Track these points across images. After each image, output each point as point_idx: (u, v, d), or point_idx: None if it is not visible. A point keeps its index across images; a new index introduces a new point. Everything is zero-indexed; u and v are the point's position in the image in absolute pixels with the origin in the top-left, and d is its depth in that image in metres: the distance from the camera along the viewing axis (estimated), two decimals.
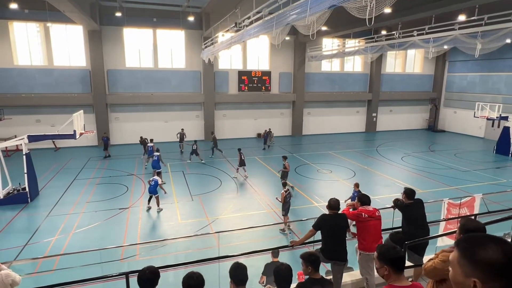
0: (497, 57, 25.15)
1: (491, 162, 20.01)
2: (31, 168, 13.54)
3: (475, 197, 8.62)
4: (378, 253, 2.81)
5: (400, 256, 2.77)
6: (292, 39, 26.08)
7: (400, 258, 2.77)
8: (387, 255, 2.74)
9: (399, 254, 2.77)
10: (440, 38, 16.35)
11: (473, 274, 1.27)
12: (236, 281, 3.56)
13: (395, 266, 2.72)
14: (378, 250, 2.85)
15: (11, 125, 21.21)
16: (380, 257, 2.78)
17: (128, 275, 4.69)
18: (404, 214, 6.05)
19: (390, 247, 2.84)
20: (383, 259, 2.75)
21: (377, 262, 2.81)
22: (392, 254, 2.74)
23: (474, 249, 1.30)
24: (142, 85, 23.98)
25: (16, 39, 21.55)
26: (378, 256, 2.79)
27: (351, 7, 7.16)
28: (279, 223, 11.38)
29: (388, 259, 2.72)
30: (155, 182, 12.58)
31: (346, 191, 14.54)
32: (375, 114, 30.27)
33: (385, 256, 2.75)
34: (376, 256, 2.83)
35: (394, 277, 2.72)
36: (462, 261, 1.32)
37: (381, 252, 2.80)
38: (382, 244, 3.00)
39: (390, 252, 2.75)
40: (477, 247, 1.29)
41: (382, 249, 2.83)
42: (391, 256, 2.72)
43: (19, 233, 10.88)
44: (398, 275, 2.72)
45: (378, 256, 2.80)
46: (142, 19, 23.05)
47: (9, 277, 4.32)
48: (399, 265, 2.74)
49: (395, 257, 2.73)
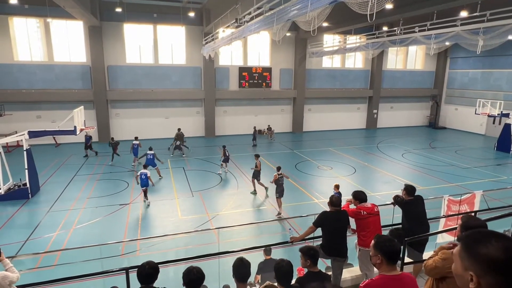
0: (499, 54, 25.01)
1: (492, 159, 19.99)
2: (31, 164, 13.56)
3: (475, 194, 8.62)
4: (375, 242, 2.92)
5: (395, 249, 2.87)
6: (293, 35, 25.97)
7: (395, 252, 2.87)
8: (383, 246, 2.84)
9: (395, 248, 2.87)
10: (441, 34, 16.25)
11: (471, 267, 1.30)
12: (239, 277, 3.59)
13: (388, 258, 2.82)
14: (376, 239, 2.96)
15: (12, 121, 21.22)
16: (376, 246, 2.89)
17: (128, 271, 4.71)
18: (404, 210, 6.05)
19: (387, 239, 2.92)
20: (378, 248, 2.86)
21: (372, 249, 2.89)
22: (388, 246, 2.84)
23: (474, 244, 1.33)
24: (143, 81, 23.95)
25: (16, 35, 21.49)
26: (375, 245, 2.90)
27: (352, 2, 7.12)
28: (279, 219, 11.41)
29: (383, 250, 2.82)
30: (145, 174, 12.53)
31: (346, 188, 14.56)
32: (376, 110, 30.21)
33: (381, 247, 2.85)
34: (372, 244, 2.90)
35: (386, 267, 2.81)
36: (462, 254, 1.36)
37: (378, 242, 2.90)
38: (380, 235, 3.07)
39: (387, 244, 2.85)
40: (478, 242, 1.32)
41: (379, 239, 2.93)
42: (386, 248, 2.82)
43: (20, 228, 10.92)
44: (390, 266, 2.79)
45: (375, 245, 2.91)
46: (143, 14, 22.97)
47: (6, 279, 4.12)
48: (393, 257, 2.84)
49: (390, 249, 2.83)
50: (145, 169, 12.90)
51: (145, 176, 12.52)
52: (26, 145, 13.22)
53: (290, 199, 13.51)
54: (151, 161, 15.34)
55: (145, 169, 12.91)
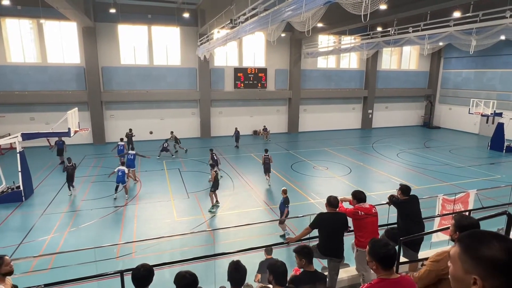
0: (492, 54, 25.28)
1: (485, 158, 20.17)
2: (25, 167, 13.42)
3: (469, 192, 8.69)
4: (369, 248, 2.84)
5: (390, 254, 2.77)
6: (288, 35, 26.02)
7: (390, 257, 2.77)
8: (377, 252, 2.76)
9: (389, 253, 2.77)
10: (435, 34, 16.39)
11: (474, 271, 1.25)
12: (232, 282, 3.58)
13: (383, 264, 2.74)
14: (370, 244, 2.87)
15: (5, 123, 21.00)
16: (370, 252, 2.82)
17: (123, 273, 4.67)
18: (399, 210, 6.08)
19: (382, 244, 2.82)
20: (372, 255, 2.79)
21: (367, 256, 2.84)
22: (382, 252, 2.75)
23: (476, 246, 1.28)
24: (137, 82, 23.83)
25: (9, 36, 21.28)
26: (369, 251, 2.83)
27: (346, 3, 7.15)
28: (275, 220, 11.40)
29: (378, 257, 2.75)
30: (122, 171, 13.02)
31: (342, 188, 14.60)
32: (370, 110, 30.35)
33: (375, 253, 2.77)
34: (367, 251, 2.85)
35: (383, 272, 2.76)
36: (463, 257, 1.30)
37: (372, 247, 2.82)
38: (375, 239, 3.00)
39: (381, 250, 2.76)
40: (480, 244, 1.27)
41: (374, 245, 2.84)
42: (381, 255, 2.74)
43: (14, 231, 10.80)
44: (387, 270, 2.76)
45: (369, 251, 2.83)
46: (137, 15, 22.86)
47: None
48: (388, 263, 2.76)
49: (384, 255, 2.74)
50: (123, 166, 13.39)
51: (121, 173, 13.04)
52: (19, 147, 13.08)
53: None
54: (131, 162, 15.08)
55: (123, 166, 13.41)
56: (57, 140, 17.83)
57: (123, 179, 13.08)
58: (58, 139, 17.70)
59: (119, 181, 13.10)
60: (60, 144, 17.81)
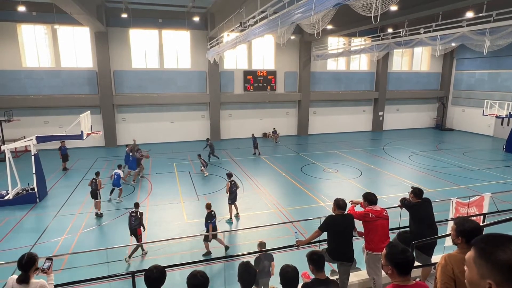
0: (506, 54, 24.74)
1: (501, 160, 19.71)
2: (39, 169, 13.69)
3: (484, 196, 8.49)
4: (387, 253, 2.75)
5: (408, 261, 2.69)
6: (297, 38, 26.00)
7: (407, 263, 2.69)
8: (395, 258, 2.68)
9: (407, 259, 2.69)
10: (447, 35, 16.13)
11: (489, 275, 1.22)
12: (242, 284, 3.58)
13: (400, 270, 2.67)
14: (388, 249, 2.78)
15: (20, 126, 21.49)
16: (387, 257, 2.73)
17: (134, 275, 4.72)
18: (411, 213, 5.97)
19: (400, 251, 2.73)
20: (390, 260, 2.70)
21: (383, 259, 2.76)
22: (400, 258, 2.67)
23: (492, 250, 1.25)
24: (148, 85, 24.12)
25: (24, 41, 21.85)
26: (386, 255, 2.74)
27: (356, 5, 7.11)
28: (284, 222, 11.35)
29: (395, 262, 2.67)
30: (118, 175, 13.34)
31: (353, 191, 14.46)
32: (381, 113, 30.03)
33: (392, 258, 2.69)
34: (384, 254, 2.77)
35: (398, 278, 2.68)
36: (478, 262, 1.27)
37: (390, 252, 2.74)
38: (393, 244, 2.90)
39: (399, 256, 2.68)
40: (495, 248, 1.24)
41: (392, 250, 2.75)
42: (398, 260, 2.66)
43: (28, 232, 11.02)
44: (403, 277, 2.68)
45: (386, 255, 2.74)
46: (148, 20, 23.18)
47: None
48: (405, 269, 2.68)
49: (402, 261, 2.67)
50: (119, 169, 13.64)
51: (117, 176, 13.37)
52: (34, 150, 13.36)
53: (296, 202, 13.47)
54: (116, 181, 13.47)
55: (119, 169, 13.66)
56: (61, 146, 17.76)
57: (118, 183, 13.41)
58: (61, 144, 17.70)
59: (114, 184, 13.45)
60: (63, 149, 17.77)
